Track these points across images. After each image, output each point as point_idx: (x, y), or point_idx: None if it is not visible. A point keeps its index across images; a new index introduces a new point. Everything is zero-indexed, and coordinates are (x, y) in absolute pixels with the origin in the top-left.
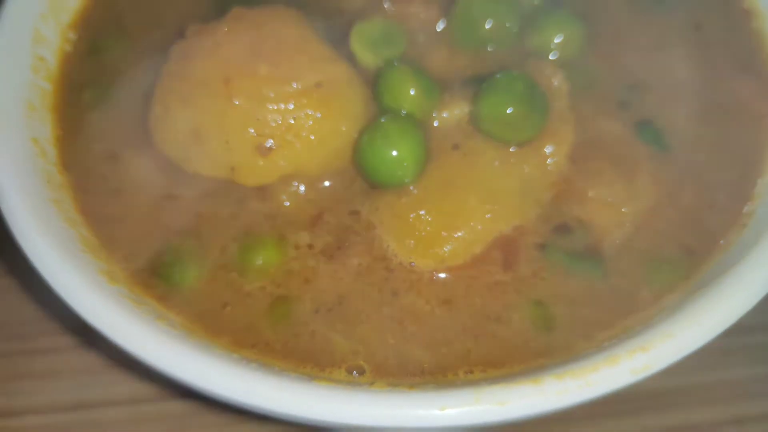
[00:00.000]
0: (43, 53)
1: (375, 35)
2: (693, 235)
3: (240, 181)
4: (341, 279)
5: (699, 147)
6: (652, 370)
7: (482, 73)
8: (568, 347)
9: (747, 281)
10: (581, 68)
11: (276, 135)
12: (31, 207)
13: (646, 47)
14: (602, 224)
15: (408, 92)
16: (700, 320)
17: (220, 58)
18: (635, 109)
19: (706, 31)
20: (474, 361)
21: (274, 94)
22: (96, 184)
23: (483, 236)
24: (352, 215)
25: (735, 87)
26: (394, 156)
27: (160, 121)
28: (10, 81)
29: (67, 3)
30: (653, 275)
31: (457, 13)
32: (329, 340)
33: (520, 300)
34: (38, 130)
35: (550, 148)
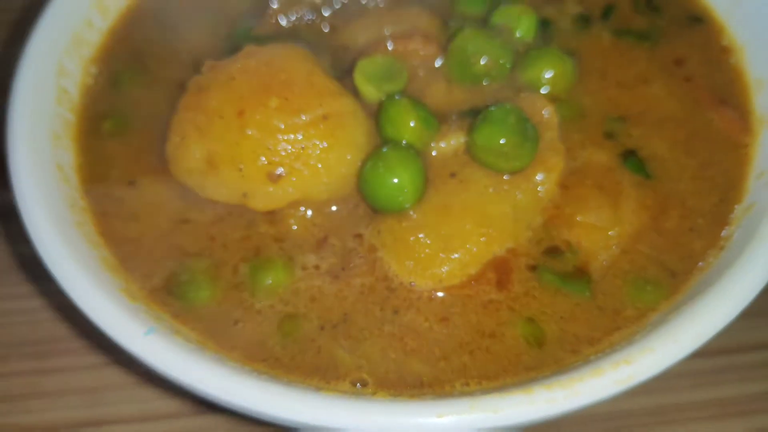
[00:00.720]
0: (66, 86)
1: (377, 71)
2: (675, 258)
3: (251, 206)
4: (345, 298)
5: (681, 175)
6: (634, 381)
7: (477, 106)
8: (557, 361)
9: (722, 301)
10: (570, 101)
11: (286, 163)
12: (57, 230)
13: (631, 82)
14: (590, 247)
15: (408, 124)
16: (678, 336)
17: (234, 92)
18: (621, 139)
19: (687, 67)
20: (470, 374)
21: (285, 125)
22: (115, 208)
23: (478, 258)
24: (355, 238)
25: (714, 118)
26: (395, 183)
27: (177, 150)
28: (37, 112)
29: (89, 38)
30: (637, 295)
31: (453, 51)
32: (334, 355)
33: (513, 317)
34: (62, 157)
35: (541, 175)
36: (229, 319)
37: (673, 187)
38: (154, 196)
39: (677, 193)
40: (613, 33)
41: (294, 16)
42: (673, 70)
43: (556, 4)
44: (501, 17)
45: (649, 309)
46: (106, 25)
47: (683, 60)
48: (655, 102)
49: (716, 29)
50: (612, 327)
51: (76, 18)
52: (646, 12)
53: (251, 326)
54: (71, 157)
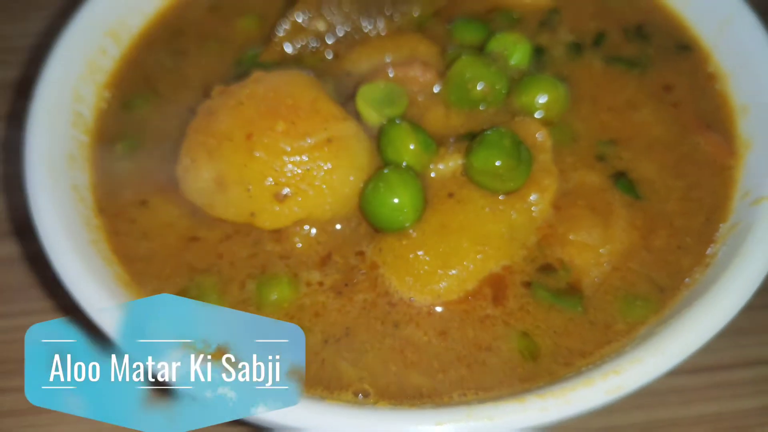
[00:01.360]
0: (81, 110)
1: (379, 96)
2: (663, 274)
3: (258, 225)
4: (348, 313)
5: (669, 195)
6: (623, 390)
7: (474, 130)
8: (551, 373)
9: (706, 315)
10: (563, 126)
11: (292, 184)
12: (73, 248)
13: (622, 107)
14: (582, 264)
15: (408, 147)
16: (665, 348)
17: (242, 116)
18: (612, 162)
19: (675, 92)
20: (467, 385)
21: (291, 148)
22: (127, 226)
23: (475, 274)
24: (358, 256)
25: (701, 142)
26: (396, 203)
27: (188, 171)
28: (54, 135)
29: (102, 65)
30: (628, 310)
31: (451, 77)
32: (337, 367)
33: (508, 332)
34: (77, 178)
35: (535, 196)
36: None
37: (661, 207)
38: (165, 215)
39: (666, 213)
40: (604, 60)
41: (299, 43)
42: (662, 95)
43: (549, 32)
44: (497, 45)
45: (639, 323)
46: (119, 52)
47: (671, 86)
48: (644, 126)
49: (703, 57)
50: (603, 341)
51: (90, 45)
52: (636, 40)
53: None
54: (86, 177)
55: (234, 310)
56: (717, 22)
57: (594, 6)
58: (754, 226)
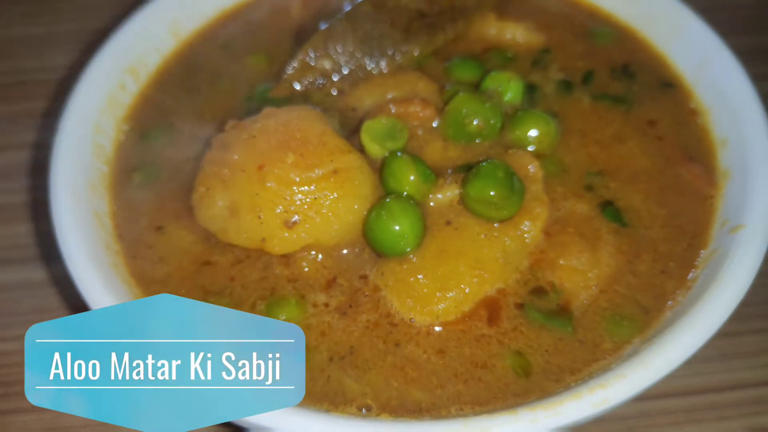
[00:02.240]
0: (102, 141)
1: (381, 130)
2: (648, 297)
3: (268, 250)
4: (352, 332)
5: (653, 223)
6: (609, 403)
7: (470, 162)
8: (542, 389)
9: (686, 335)
10: (554, 158)
11: (300, 212)
12: (96, 271)
13: (609, 140)
14: (572, 287)
15: (409, 177)
16: (647, 364)
17: (255, 149)
18: (599, 191)
19: (659, 127)
20: (464, 400)
21: (300, 178)
22: (144, 251)
23: (471, 297)
24: (361, 279)
25: (683, 173)
26: (397, 230)
27: (202, 199)
28: (77, 165)
29: (122, 100)
30: (614, 330)
31: (449, 113)
32: (342, 383)
33: (503, 350)
34: (98, 205)
35: (527, 224)
36: None
37: (646, 234)
38: (180, 240)
39: (650, 239)
40: (593, 97)
41: (306, 81)
42: (647, 130)
43: (541, 71)
44: (492, 83)
45: (625, 342)
46: (137, 88)
47: (656, 121)
48: (630, 158)
49: (685, 94)
50: (591, 359)
51: (111, 81)
52: (622, 78)
53: None
54: (105, 204)
55: (235, 310)
56: (698, 62)
57: (583, 46)
58: (731, 252)
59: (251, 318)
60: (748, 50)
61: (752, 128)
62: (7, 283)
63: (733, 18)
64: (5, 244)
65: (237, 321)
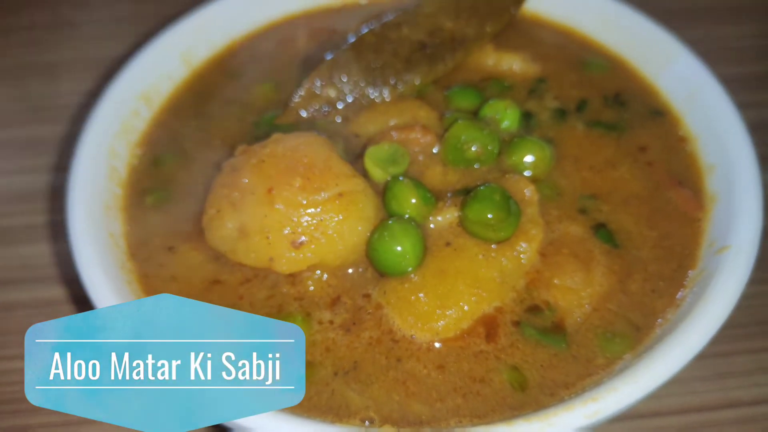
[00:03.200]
0: (116, 165)
1: (384, 156)
2: (639, 315)
3: (276, 269)
4: (355, 348)
5: (644, 244)
6: (600, 415)
7: (469, 186)
8: (537, 402)
9: (674, 351)
10: (548, 182)
11: (307, 233)
12: (111, 289)
13: (601, 165)
14: (566, 306)
15: (410, 201)
16: (637, 378)
17: (264, 173)
18: (592, 214)
19: (649, 153)
20: (463, 413)
21: (307, 201)
22: (156, 270)
23: (470, 314)
24: (364, 297)
25: (673, 197)
26: (399, 251)
27: (213, 221)
28: (93, 188)
29: (135, 125)
30: (607, 346)
31: (449, 139)
32: (346, 397)
33: (500, 366)
34: (112, 226)
35: (524, 245)
36: None
37: (637, 255)
38: (191, 260)
39: (641, 260)
40: (586, 124)
41: (312, 108)
42: (638, 155)
43: (536, 99)
44: (489, 110)
45: (617, 358)
46: (150, 115)
47: (646, 147)
48: (622, 183)
49: (674, 121)
50: (585, 373)
51: (125, 108)
52: (615, 106)
53: None
54: (120, 225)
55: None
56: (687, 91)
57: (577, 76)
58: (717, 273)
59: (251, 318)
60: (734, 80)
61: (738, 155)
62: (27, 301)
63: (720, 48)
64: (25, 263)
65: (237, 321)
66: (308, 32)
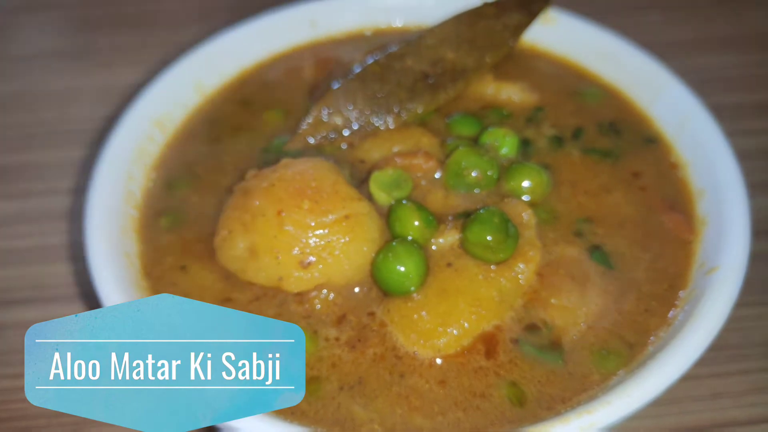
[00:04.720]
0: (132, 188)
1: (388, 181)
2: (632, 333)
3: (284, 288)
4: (360, 364)
5: (637, 266)
6: (595, 427)
7: (469, 210)
8: (535, 416)
9: (665, 366)
10: (546, 206)
11: (315, 253)
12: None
13: (596, 190)
14: (562, 324)
15: (413, 223)
16: (630, 392)
17: (274, 196)
18: (588, 237)
19: (642, 178)
20: (463, 427)
21: (315, 223)
22: (169, 288)
23: (470, 332)
24: (369, 316)
25: (665, 221)
26: (402, 271)
27: (225, 241)
28: (110, 210)
29: (150, 150)
30: (601, 363)
31: (450, 165)
32: (351, 410)
33: (499, 381)
34: (128, 246)
35: (522, 266)
36: None
37: (631, 275)
38: (202, 279)
39: (634, 281)
40: (582, 151)
41: (320, 135)
42: (631, 181)
43: (534, 127)
44: (489, 138)
45: (611, 374)
46: (164, 139)
47: (640, 173)
48: (616, 207)
49: (666, 148)
50: (580, 389)
51: (140, 133)
52: (609, 134)
53: None
54: (134, 246)
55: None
56: (678, 120)
57: (573, 105)
58: (706, 292)
59: (251, 318)
60: (723, 108)
61: (727, 180)
62: (46, 319)
63: (710, 78)
64: (45, 282)
65: (237, 321)
66: (315, 62)
